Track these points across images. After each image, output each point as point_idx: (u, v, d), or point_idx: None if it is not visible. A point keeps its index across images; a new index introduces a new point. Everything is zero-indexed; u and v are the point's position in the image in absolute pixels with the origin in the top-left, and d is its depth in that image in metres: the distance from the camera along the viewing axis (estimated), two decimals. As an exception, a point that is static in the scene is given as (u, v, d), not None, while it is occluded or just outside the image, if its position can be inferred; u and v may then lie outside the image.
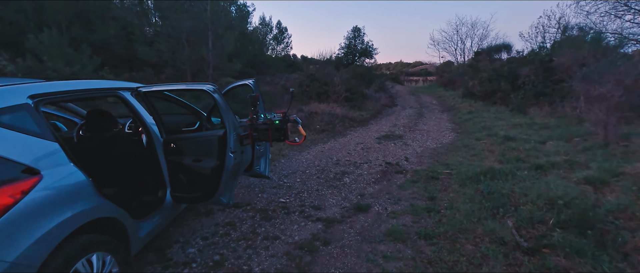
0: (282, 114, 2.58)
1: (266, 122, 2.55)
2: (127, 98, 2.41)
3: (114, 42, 15.45)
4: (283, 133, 2.55)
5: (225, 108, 2.21)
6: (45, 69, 9.55)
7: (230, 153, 2.29)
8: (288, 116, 2.60)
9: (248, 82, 3.27)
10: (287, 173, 4.64)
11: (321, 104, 9.78)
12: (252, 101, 2.61)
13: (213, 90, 2.16)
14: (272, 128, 2.54)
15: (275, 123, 2.51)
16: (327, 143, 6.77)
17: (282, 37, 33.09)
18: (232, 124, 2.25)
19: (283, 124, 2.54)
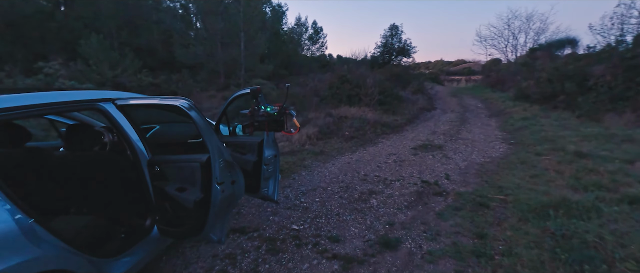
0: (279, 106, 2.67)
1: (264, 114, 2.65)
2: (109, 111, 2.05)
3: (157, 45, 16.34)
4: (280, 124, 2.68)
5: (206, 128, 1.74)
6: (92, 72, 10.18)
7: (217, 185, 1.81)
8: (284, 109, 2.69)
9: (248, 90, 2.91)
10: (305, 190, 4.12)
11: (352, 108, 9.14)
12: (254, 93, 2.72)
13: (188, 107, 1.70)
14: (270, 119, 2.65)
15: (273, 114, 2.63)
16: (356, 152, 6.13)
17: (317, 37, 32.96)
18: (216, 149, 1.77)
19: (280, 115, 2.64)
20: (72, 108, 1.91)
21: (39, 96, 1.69)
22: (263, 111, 2.66)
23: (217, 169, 1.77)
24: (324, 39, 32.65)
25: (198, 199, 1.84)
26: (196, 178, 1.84)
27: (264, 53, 16.42)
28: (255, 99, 2.70)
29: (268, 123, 2.64)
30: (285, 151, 5.98)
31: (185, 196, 1.89)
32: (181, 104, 1.66)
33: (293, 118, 2.73)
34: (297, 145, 6.41)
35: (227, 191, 1.89)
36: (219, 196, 1.83)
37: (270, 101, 2.93)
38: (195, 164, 1.83)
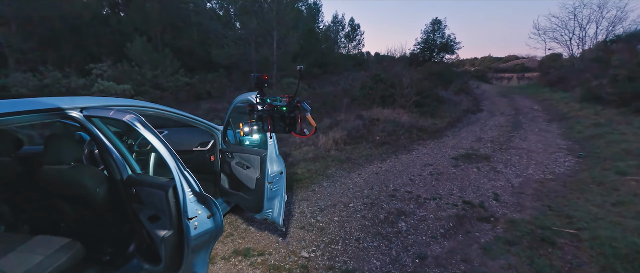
0: (288, 98, 1.84)
1: (267, 107, 1.81)
2: (80, 120, 1.78)
3: (196, 46, 17.03)
4: (291, 122, 1.84)
5: (165, 152, 1.35)
6: (134, 73, 10.76)
7: (187, 220, 1.43)
8: (295, 101, 1.86)
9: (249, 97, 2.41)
10: (324, 206, 3.65)
11: (385, 110, 8.43)
12: (258, 81, 1.91)
13: (137, 121, 1.31)
14: (274, 115, 1.81)
15: (281, 109, 1.81)
16: (386, 161, 5.50)
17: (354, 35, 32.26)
18: (181, 176, 1.37)
19: (290, 111, 1.79)
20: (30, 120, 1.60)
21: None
22: (267, 104, 1.92)
23: (186, 203, 1.38)
24: (361, 36, 31.81)
25: (168, 235, 1.47)
26: (164, 208, 1.48)
27: (297, 52, 16.21)
28: (260, 89, 1.99)
29: (272, 119, 1.86)
30: (309, 157, 5.57)
31: (155, 228, 1.54)
32: (129, 120, 1.29)
33: (307, 115, 1.93)
34: (322, 150, 5.97)
35: (201, 228, 1.50)
36: (190, 234, 1.44)
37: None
38: (161, 192, 1.46)
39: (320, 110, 9.64)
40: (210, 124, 2.91)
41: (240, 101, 2.58)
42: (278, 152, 2.43)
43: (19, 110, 1.47)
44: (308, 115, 1.85)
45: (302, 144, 6.44)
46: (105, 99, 2.05)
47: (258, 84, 1.92)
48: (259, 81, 1.92)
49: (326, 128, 7.34)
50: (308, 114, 1.85)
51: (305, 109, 1.85)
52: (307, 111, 1.86)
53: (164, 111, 2.40)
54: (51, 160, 1.87)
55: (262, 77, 1.93)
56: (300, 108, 1.87)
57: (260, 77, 1.93)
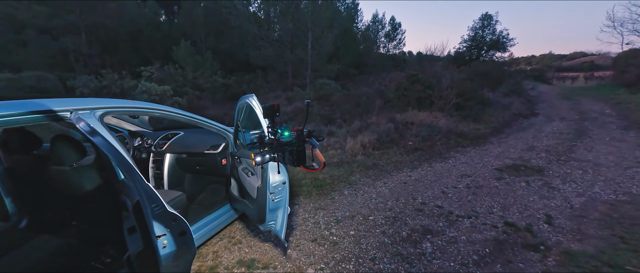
0: (296, 131, 1.81)
1: (274, 142, 1.80)
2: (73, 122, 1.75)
3: (236, 49, 17.77)
4: (299, 156, 1.81)
5: (122, 163, 1.20)
6: (178, 75, 11.50)
7: (156, 238, 1.29)
8: (304, 136, 1.81)
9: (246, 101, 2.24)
10: (341, 217, 3.38)
11: (420, 113, 7.83)
12: (269, 112, 1.87)
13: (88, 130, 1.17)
14: (281, 148, 1.78)
15: (291, 142, 1.78)
16: (417, 169, 5.02)
17: (395, 34, 31.27)
18: (144, 195, 1.22)
19: (299, 144, 1.77)
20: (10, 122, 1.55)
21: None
22: (274, 139, 1.88)
23: (151, 220, 1.24)
24: (402, 35, 30.66)
25: (139, 250, 1.35)
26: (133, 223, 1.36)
27: (332, 52, 16.03)
28: (271, 120, 1.94)
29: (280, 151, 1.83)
30: (333, 161, 5.32)
31: (131, 241, 1.43)
32: (83, 128, 1.16)
33: (315, 150, 1.88)
34: (348, 155, 5.67)
35: (171, 247, 1.35)
36: (160, 253, 1.30)
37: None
38: (129, 203, 1.34)
39: (351, 112, 9.33)
40: (221, 127, 2.83)
41: (241, 104, 2.46)
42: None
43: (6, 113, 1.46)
44: (317, 150, 1.78)
45: (328, 148, 6.21)
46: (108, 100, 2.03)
47: (268, 114, 1.87)
48: (270, 111, 1.86)
49: (355, 131, 7.02)
50: (317, 150, 1.78)
51: (313, 144, 1.76)
52: (315, 146, 1.78)
53: (170, 113, 2.35)
54: (54, 161, 1.89)
55: (273, 107, 1.88)
56: (309, 142, 1.80)
57: (270, 107, 1.88)
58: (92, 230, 2.12)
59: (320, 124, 8.11)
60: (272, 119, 1.94)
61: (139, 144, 3.14)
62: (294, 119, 8.81)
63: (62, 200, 2.12)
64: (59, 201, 2.14)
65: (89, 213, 2.08)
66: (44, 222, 2.29)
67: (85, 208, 2.05)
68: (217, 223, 2.71)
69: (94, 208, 2.06)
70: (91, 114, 1.87)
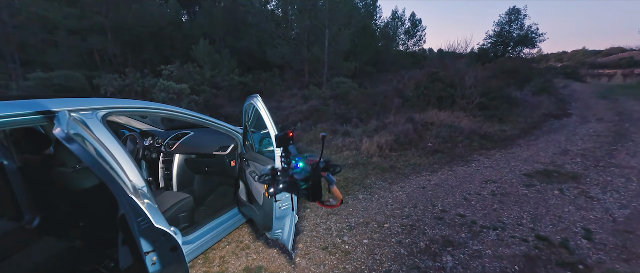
0: (312, 164, 1.53)
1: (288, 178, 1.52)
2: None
3: (253, 47, 17.88)
4: (315, 190, 1.55)
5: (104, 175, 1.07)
6: (196, 73, 11.68)
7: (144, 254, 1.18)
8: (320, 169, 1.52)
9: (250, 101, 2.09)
10: (355, 223, 3.20)
11: (441, 113, 7.46)
12: (282, 141, 1.63)
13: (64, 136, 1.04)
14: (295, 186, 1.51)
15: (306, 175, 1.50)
16: (437, 173, 4.74)
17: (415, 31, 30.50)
18: (129, 208, 1.11)
19: (314, 177, 1.50)
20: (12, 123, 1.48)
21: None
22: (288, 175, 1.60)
23: (138, 235, 1.12)
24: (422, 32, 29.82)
25: (129, 265, 1.25)
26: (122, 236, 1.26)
27: (350, 50, 15.75)
28: (285, 149, 1.70)
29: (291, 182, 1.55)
30: (348, 162, 5.13)
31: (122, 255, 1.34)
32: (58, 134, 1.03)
33: (332, 187, 1.61)
34: (363, 156, 5.47)
35: (160, 264, 1.24)
36: (150, 270, 1.19)
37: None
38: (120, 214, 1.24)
39: (368, 111, 9.07)
40: (230, 127, 2.73)
41: (246, 104, 2.34)
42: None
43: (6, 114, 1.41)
44: (334, 187, 1.56)
45: (343, 148, 6.03)
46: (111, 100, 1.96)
47: (282, 143, 1.63)
48: (283, 140, 1.63)
49: (372, 131, 6.79)
50: (334, 186, 1.56)
51: (330, 181, 1.54)
52: (332, 183, 1.55)
53: (176, 113, 2.27)
54: (57, 162, 1.85)
55: (286, 135, 1.64)
56: (325, 178, 1.57)
57: (284, 136, 1.65)
58: (98, 231, 2.07)
59: (335, 123, 7.93)
60: (285, 149, 1.69)
61: (149, 144, 3.11)
62: (309, 119, 8.69)
63: (69, 201, 2.09)
64: (66, 202, 2.12)
65: (95, 214, 2.04)
66: (54, 222, 2.28)
67: (91, 210, 2.00)
68: (225, 226, 2.61)
69: (99, 210, 2.01)
70: (93, 114, 1.81)
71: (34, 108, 1.54)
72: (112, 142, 1.81)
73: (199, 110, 7.99)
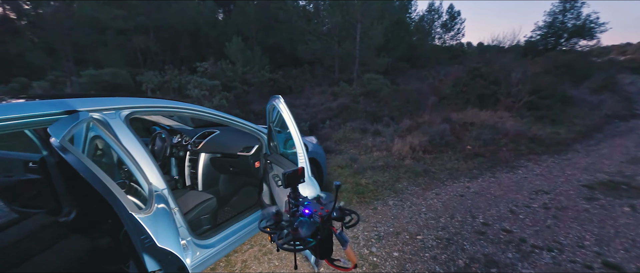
0: (321, 215, 1.36)
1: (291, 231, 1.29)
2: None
3: (285, 43, 17.98)
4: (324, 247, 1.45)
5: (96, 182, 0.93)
6: (229, 70, 11.98)
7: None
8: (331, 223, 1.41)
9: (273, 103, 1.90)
10: (384, 233, 2.96)
11: (482, 112, 6.85)
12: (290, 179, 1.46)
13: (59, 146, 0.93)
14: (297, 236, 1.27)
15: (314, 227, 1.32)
16: (477, 179, 4.31)
17: (453, 23, 28.81)
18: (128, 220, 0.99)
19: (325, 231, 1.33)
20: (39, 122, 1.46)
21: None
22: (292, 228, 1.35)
23: (142, 252, 1.02)
24: (461, 24, 28.03)
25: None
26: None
27: (382, 45, 15.17)
28: (293, 189, 1.53)
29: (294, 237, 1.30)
30: (378, 164, 4.86)
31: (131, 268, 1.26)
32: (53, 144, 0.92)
33: (346, 248, 1.46)
34: (394, 158, 5.16)
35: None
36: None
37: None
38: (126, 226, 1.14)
39: (401, 110, 8.64)
40: (254, 127, 2.62)
41: (269, 105, 2.20)
42: (311, 174, 1.92)
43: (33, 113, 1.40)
44: (347, 249, 1.42)
45: (373, 149, 5.76)
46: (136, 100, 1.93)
47: (291, 182, 1.47)
48: (292, 178, 1.46)
49: (404, 131, 6.41)
50: (347, 248, 1.42)
51: (342, 241, 1.37)
52: (345, 243, 1.40)
53: (200, 112, 2.21)
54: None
55: (297, 173, 1.48)
56: (338, 236, 1.42)
57: (293, 174, 1.48)
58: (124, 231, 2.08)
59: (365, 121, 7.64)
60: (294, 189, 1.53)
61: (177, 142, 3.13)
62: (338, 116, 8.48)
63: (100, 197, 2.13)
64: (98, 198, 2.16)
65: None
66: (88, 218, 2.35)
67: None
68: (248, 230, 2.52)
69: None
70: (116, 114, 1.78)
71: (62, 108, 1.53)
72: (133, 143, 1.78)
73: (230, 106, 8.14)
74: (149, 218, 1.07)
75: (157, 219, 1.14)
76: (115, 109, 1.77)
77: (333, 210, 1.41)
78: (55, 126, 0.82)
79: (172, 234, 1.12)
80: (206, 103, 7.24)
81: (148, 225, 0.97)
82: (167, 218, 1.32)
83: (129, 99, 1.91)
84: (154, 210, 1.19)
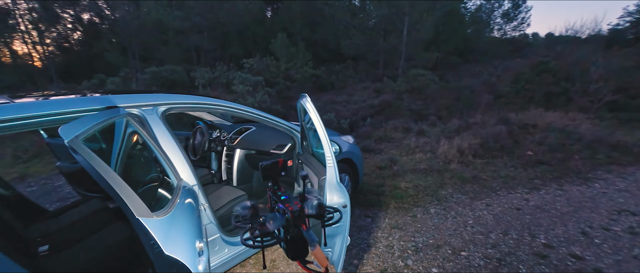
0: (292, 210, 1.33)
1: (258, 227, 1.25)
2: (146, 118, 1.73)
3: (329, 39, 17.89)
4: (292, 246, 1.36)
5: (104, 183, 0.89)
6: (272, 66, 12.31)
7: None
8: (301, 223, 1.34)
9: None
10: (423, 244, 2.70)
11: (549, 113, 5.95)
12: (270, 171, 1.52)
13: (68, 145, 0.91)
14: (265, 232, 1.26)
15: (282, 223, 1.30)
16: (539, 191, 3.74)
17: (516, 12, 25.81)
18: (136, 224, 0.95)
19: (296, 228, 1.27)
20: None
21: None
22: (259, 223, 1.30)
23: (153, 258, 0.98)
24: (526, 13, 24.98)
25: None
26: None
27: (432, 39, 14.19)
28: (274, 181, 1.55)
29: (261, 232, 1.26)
30: (420, 167, 4.52)
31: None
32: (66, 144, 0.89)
33: (313, 249, 1.36)
34: (439, 161, 4.75)
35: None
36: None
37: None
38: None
39: (449, 108, 7.98)
40: (288, 125, 2.57)
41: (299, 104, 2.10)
42: (339, 179, 1.78)
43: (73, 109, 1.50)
44: (314, 250, 1.32)
45: (416, 150, 5.39)
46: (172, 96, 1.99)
47: (270, 174, 1.51)
48: (271, 171, 1.50)
49: (452, 132, 5.89)
50: (315, 248, 1.32)
51: (312, 240, 1.28)
52: (313, 243, 1.31)
53: (234, 109, 2.21)
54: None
55: (276, 165, 1.51)
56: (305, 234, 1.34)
57: (272, 166, 1.51)
58: None
59: (409, 120, 7.20)
60: (274, 180, 1.55)
61: (216, 137, 3.22)
62: (380, 114, 8.14)
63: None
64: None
65: None
66: None
67: None
68: (278, 229, 2.48)
69: None
70: (154, 110, 1.85)
71: (104, 103, 1.62)
72: (167, 138, 1.83)
73: (272, 101, 8.32)
74: (164, 221, 1.05)
75: (173, 221, 1.12)
76: (153, 105, 1.83)
77: (302, 205, 1.32)
78: (66, 127, 0.82)
79: (187, 239, 1.09)
80: (249, 98, 7.49)
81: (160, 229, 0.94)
82: (187, 219, 1.30)
83: (166, 95, 1.97)
84: (172, 211, 1.17)
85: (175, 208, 1.26)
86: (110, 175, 0.90)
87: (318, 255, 1.37)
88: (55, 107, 1.45)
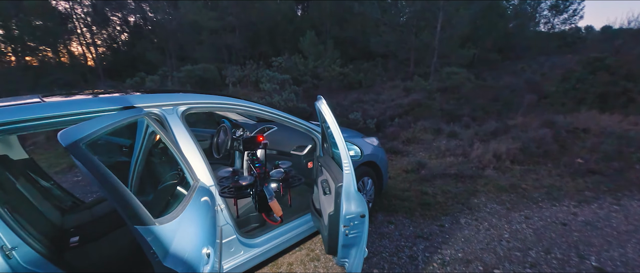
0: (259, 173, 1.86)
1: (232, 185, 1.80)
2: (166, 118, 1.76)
3: (358, 36, 17.57)
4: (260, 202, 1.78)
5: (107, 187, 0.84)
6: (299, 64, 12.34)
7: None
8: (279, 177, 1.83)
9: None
10: (450, 257, 2.50)
11: (604, 116, 5.29)
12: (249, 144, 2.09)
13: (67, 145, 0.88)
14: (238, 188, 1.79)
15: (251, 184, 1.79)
16: (590, 204, 3.32)
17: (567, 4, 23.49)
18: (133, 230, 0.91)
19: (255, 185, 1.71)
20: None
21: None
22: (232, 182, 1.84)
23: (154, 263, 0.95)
24: (578, 4, 22.63)
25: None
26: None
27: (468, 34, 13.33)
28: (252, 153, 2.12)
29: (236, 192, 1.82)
30: (450, 172, 4.23)
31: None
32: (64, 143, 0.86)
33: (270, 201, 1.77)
34: (472, 166, 4.42)
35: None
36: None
37: None
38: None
39: (486, 109, 7.44)
40: (308, 126, 2.50)
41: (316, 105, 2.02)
42: (357, 187, 1.66)
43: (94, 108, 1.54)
44: (272, 202, 1.71)
45: (446, 153, 5.07)
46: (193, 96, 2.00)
47: (249, 146, 2.01)
48: (250, 143, 2.00)
49: (488, 135, 5.46)
50: (272, 201, 1.70)
51: (269, 194, 1.70)
52: (269, 196, 1.71)
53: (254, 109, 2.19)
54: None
55: (256, 139, 2.01)
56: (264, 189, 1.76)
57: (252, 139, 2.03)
58: None
59: (440, 121, 6.82)
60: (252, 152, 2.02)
61: (239, 136, 3.25)
62: (409, 114, 7.81)
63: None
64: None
65: None
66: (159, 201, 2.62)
67: None
68: (296, 233, 2.43)
69: None
70: (174, 110, 1.87)
71: (121, 104, 1.66)
72: (186, 138, 1.84)
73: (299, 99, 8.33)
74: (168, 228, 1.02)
75: (179, 228, 1.09)
76: (173, 105, 1.85)
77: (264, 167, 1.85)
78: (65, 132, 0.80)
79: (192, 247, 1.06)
80: (275, 96, 7.56)
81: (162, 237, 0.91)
82: (198, 222, 1.28)
83: (186, 95, 1.99)
84: (180, 215, 1.15)
85: (185, 211, 1.24)
86: (112, 181, 0.88)
87: (274, 206, 1.75)
88: (76, 107, 1.51)
